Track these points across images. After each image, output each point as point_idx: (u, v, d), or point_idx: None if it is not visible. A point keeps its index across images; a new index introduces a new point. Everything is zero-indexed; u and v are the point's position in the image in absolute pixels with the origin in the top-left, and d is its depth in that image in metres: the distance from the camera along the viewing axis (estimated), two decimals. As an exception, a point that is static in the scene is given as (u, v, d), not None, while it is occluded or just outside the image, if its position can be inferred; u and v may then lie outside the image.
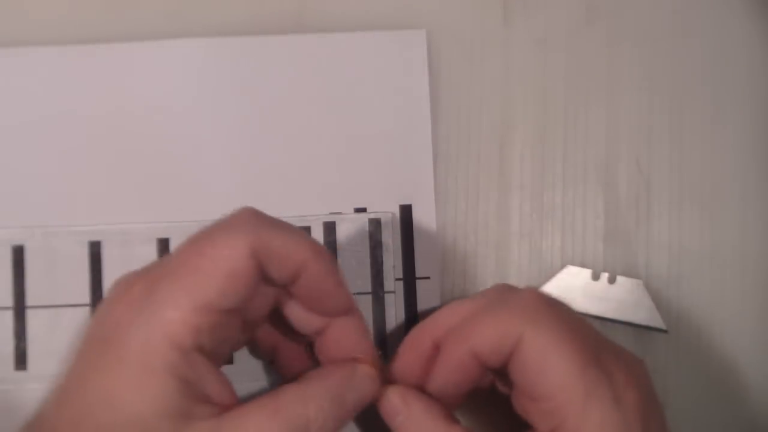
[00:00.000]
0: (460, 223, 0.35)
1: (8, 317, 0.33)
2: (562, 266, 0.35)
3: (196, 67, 0.34)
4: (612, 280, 0.34)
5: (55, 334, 0.33)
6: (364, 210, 0.34)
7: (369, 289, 0.34)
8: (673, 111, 0.35)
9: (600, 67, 0.36)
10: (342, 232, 0.34)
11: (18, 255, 0.33)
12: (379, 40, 0.35)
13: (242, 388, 0.28)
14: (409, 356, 0.29)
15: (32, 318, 0.33)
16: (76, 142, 0.34)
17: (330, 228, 0.34)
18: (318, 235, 0.34)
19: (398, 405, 0.28)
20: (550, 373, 0.26)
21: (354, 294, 0.30)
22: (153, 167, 0.34)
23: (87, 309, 0.33)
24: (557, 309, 0.27)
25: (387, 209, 0.34)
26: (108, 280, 0.33)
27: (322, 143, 0.35)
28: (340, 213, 0.34)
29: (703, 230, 0.35)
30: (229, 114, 0.34)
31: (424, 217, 0.34)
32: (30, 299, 0.33)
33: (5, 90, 0.34)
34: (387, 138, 0.35)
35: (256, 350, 0.33)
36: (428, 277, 0.34)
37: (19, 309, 0.33)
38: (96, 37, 0.34)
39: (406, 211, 0.34)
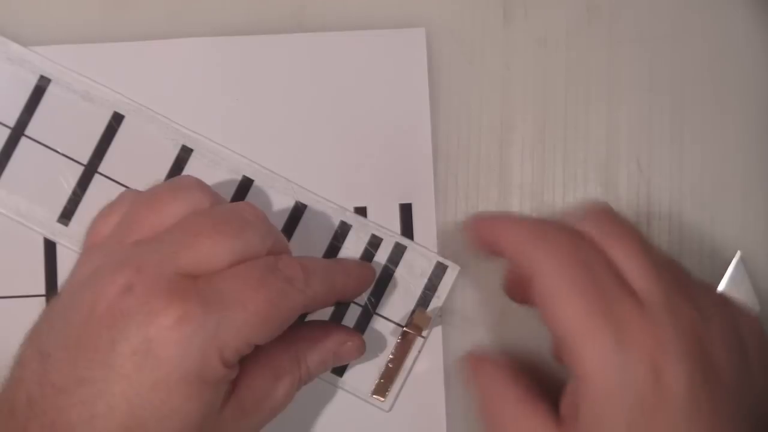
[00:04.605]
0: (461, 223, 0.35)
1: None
2: (562, 266, 0.35)
3: (196, 66, 0.34)
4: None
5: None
6: (363, 209, 0.34)
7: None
8: (673, 111, 0.35)
9: (600, 66, 0.36)
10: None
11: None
12: (378, 39, 0.35)
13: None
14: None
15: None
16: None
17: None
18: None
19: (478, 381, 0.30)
20: (557, 317, 0.26)
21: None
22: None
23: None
24: (577, 251, 0.27)
25: (387, 209, 0.34)
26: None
27: (322, 142, 0.35)
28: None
29: (703, 231, 0.35)
30: (228, 114, 0.34)
31: (424, 217, 0.34)
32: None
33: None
34: (387, 137, 0.35)
35: None
36: (428, 277, 0.34)
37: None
38: (96, 37, 0.34)
39: (406, 211, 0.34)
